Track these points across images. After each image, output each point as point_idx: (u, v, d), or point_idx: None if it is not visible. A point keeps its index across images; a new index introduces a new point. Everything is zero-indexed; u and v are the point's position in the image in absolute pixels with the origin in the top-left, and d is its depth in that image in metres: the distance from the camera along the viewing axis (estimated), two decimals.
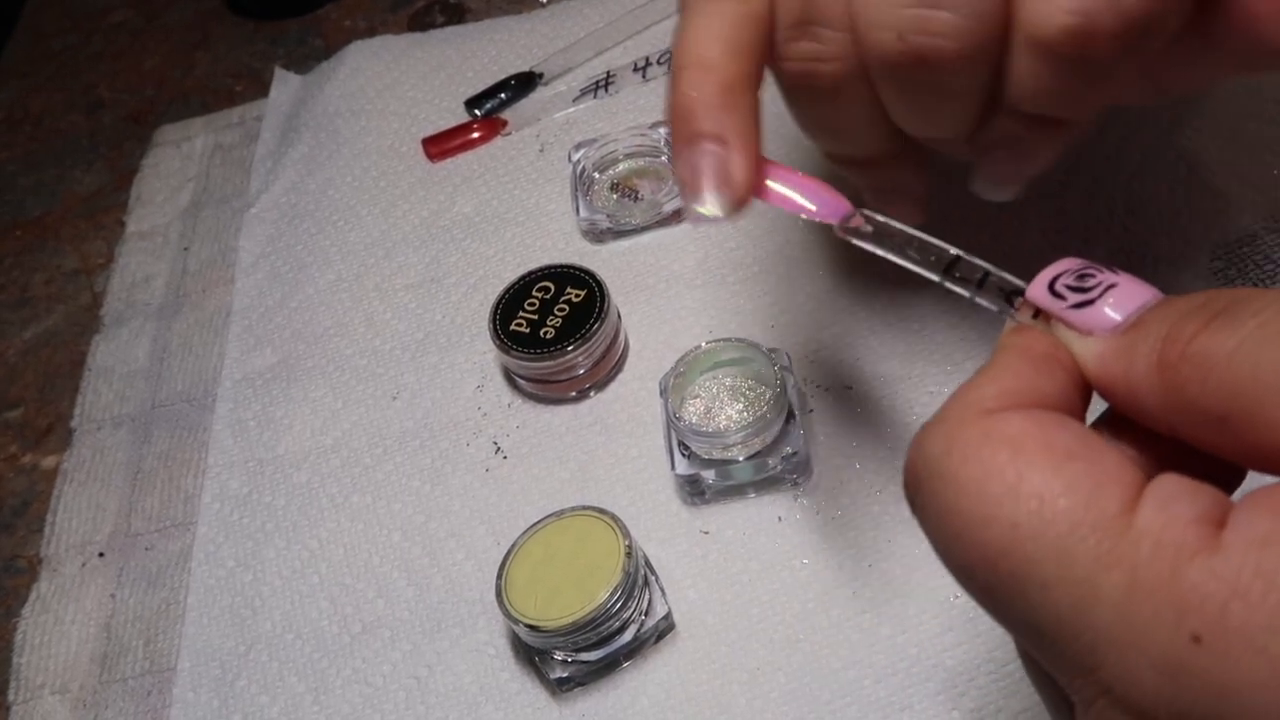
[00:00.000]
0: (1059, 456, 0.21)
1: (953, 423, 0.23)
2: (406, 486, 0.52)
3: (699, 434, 0.46)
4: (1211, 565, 0.19)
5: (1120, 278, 0.24)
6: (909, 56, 0.31)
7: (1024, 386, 0.23)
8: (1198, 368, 0.21)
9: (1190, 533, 0.19)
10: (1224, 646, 0.18)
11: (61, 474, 0.59)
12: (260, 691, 0.48)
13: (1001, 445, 0.22)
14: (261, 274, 0.64)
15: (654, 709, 0.43)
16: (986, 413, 0.22)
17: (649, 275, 0.57)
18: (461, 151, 0.66)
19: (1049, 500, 0.21)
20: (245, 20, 0.84)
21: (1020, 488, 0.21)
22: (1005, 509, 0.21)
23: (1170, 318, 0.22)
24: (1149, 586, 0.19)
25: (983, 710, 0.41)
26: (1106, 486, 0.20)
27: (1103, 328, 0.24)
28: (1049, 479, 0.21)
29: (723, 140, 0.32)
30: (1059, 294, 0.25)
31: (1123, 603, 0.19)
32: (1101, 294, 0.24)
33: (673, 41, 0.34)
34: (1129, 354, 0.23)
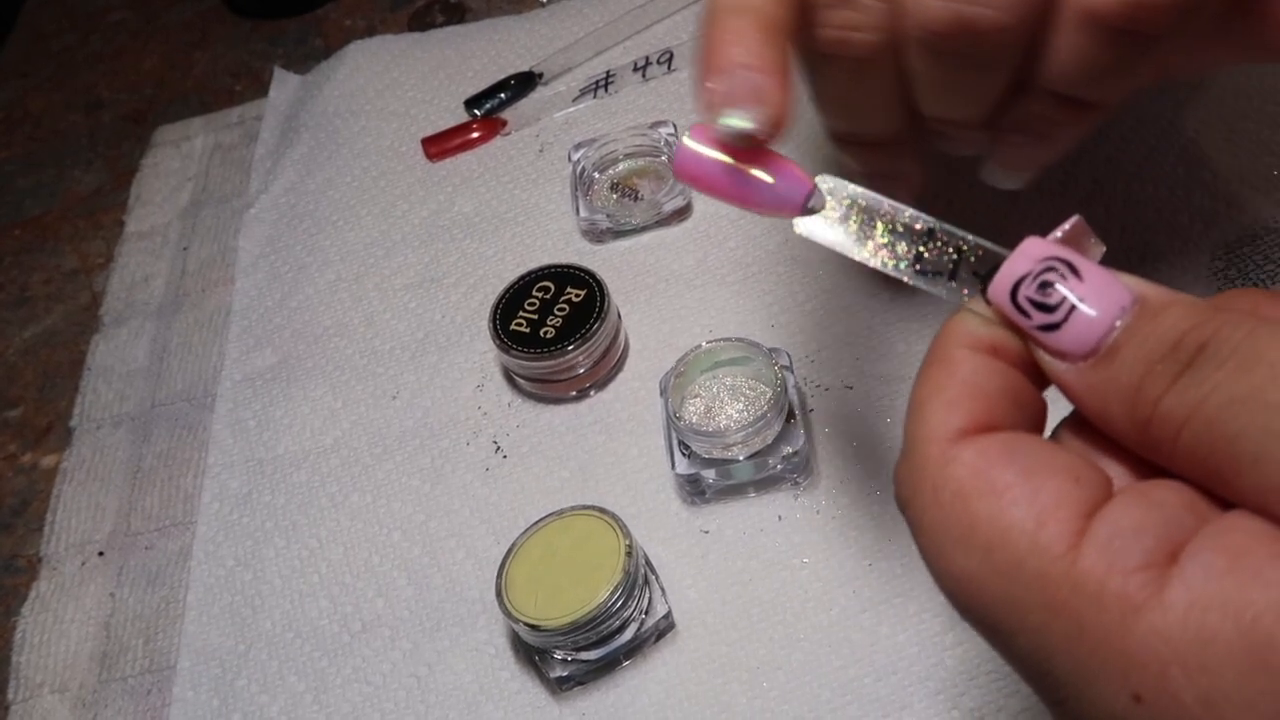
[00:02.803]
0: (1001, 498, 0.21)
1: (914, 464, 0.23)
2: (406, 486, 0.52)
3: (699, 433, 0.46)
4: (1154, 623, 0.19)
5: (1085, 285, 0.23)
6: (956, 26, 0.31)
7: (975, 406, 0.23)
8: (1166, 428, 0.21)
9: (1134, 583, 0.19)
10: (1163, 710, 0.19)
11: (61, 473, 0.58)
12: (260, 690, 0.48)
13: (951, 491, 0.22)
14: (261, 274, 0.64)
15: (654, 708, 0.43)
16: (944, 446, 0.23)
17: (649, 275, 0.57)
18: (461, 151, 0.66)
19: (993, 549, 0.21)
20: (244, 20, 0.84)
21: (970, 537, 0.21)
22: (960, 559, 0.22)
23: (1141, 361, 0.22)
24: (1095, 638, 0.19)
25: (983, 709, 0.41)
26: (1047, 524, 0.21)
27: (1074, 354, 0.23)
28: (993, 525, 0.21)
29: (759, 69, 0.30)
30: (1022, 308, 0.24)
31: (1072, 650, 0.20)
32: (1067, 316, 0.23)
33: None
34: (1103, 394, 0.23)
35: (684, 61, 0.67)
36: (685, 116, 0.63)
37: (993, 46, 0.31)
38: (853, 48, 0.33)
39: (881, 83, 0.34)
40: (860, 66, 0.34)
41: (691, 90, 0.65)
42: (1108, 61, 0.31)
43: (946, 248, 0.28)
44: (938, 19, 0.31)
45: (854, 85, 0.35)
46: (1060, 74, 0.32)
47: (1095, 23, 0.30)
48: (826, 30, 0.33)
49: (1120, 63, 0.31)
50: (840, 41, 0.33)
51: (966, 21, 0.30)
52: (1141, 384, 0.22)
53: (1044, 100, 0.33)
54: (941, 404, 0.23)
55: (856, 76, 0.34)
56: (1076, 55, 0.31)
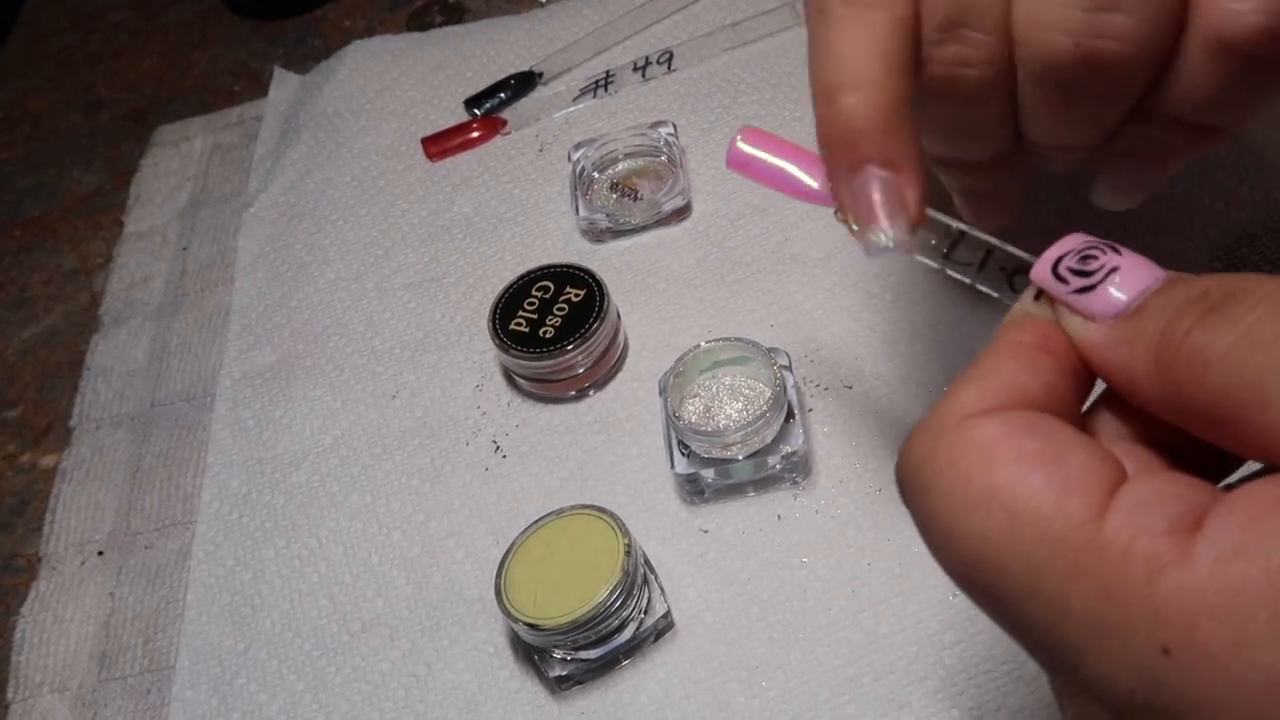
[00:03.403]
0: (1027, 464, 0.21)
1: (934, 430, 0.23)
2: (406, 485, 0.52)
3: (698, 433, 0.47)
4: (1180, 580, 0.19)
5: (1124, 258, 0.24)
6: (1080, 60, 0.29)
7: (1005, 384, 0.23)
8: (1192, 365, 0.21)
9: (1161, 544, 0.20)
10: (1192, 661, 0.19)
11: (60, 473, 0.59)
12: (259, 690, 0.48)
13: (973, 455, 0.22)
14: (261, 273, 0.64)
15: (653, 707, 0.43)
16: (965, 418, 0.22)
17: (649, 275, 0.57)
18: (461, 151, 0.66)
19: (1016, 512, 0.21)
20: (244, 20, 0.84)
21: (990, 499, 0.21)
22: (976, 521, 0.21)
23: (1169, 307, 0.22)
24: (1121, 597, 0.20)
25: (982, 708, 0.41)
26: (1073, 493, 0.21)
27: (1105, 313, 0.23)
28: (1016, 489, 0.21)
29: (893, 165, 0.29)
30: (1062, 277, 0.24)
31: (1094, 611, 0.20)
32: (1104, 278, 0.24)
33: (811, 56, 0.31)
34: (1129, 344, 0.23)
35: (684, 61, 0.67)
36: (685, 116, 0.63)
37: (1118, 80, 0.30)
38: (963, 83, 0.32)
39: (993, 112, 0.33)
40: (969, 100, 0.32)
41: (691, 91, 0.65)
42: (1239, 88, 0.30)
43: (976, 249, 0.28)
44: (1060, 53, 0.30)
45: (962, 116, 0.34)
46: (1188, 101, 0.31)
47: (1229, 50, 0.29)
48: (936, 67, 0.31)
49: (1252, 89, 0.30)
50: (949, 78, 0.32)
51: (1091, 55, 0.29)
52: (1168, 326, 0.22)
53: (1168, 126, 0.32)
54: (972, 385, 0.23)
55: (965, 108, 0.33)
56: (1207, 82, 0.30)
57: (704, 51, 0.67)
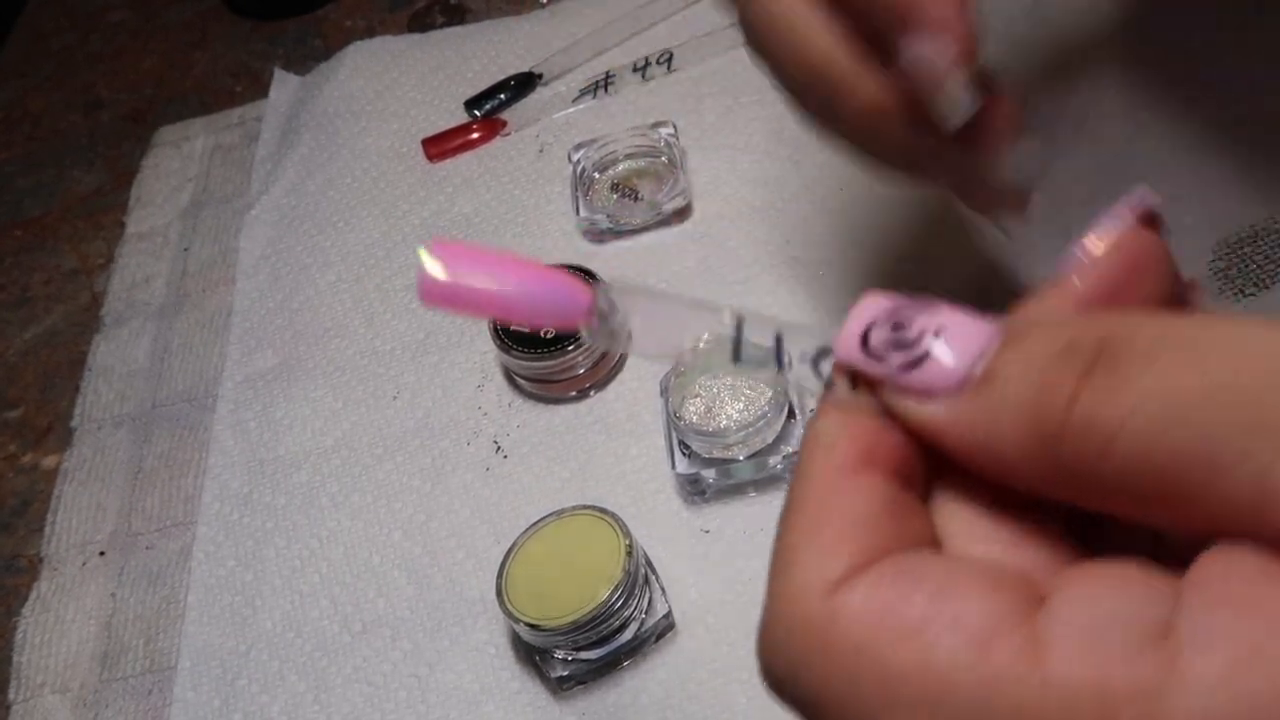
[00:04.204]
0: (925, 636, 0.17)
1: (795, 626, 0.19)
2: (407, 486, 0.52)
3: (700, 433, 0.47)
4: (1185, 708, 0.15)
5: (943, 315, 0.20)
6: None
7: (849, 532, 0.19)
8: (1090, 438, 0.17)
9: (1140, 670, 0.16)
10: None
11: (62, 473, 0.59)
12: (261, 690, 0.48)
13: (855, 654, 0.18)
14: (262, 275, 0.64)
15: (654, 708, 0.43)
16: (825, 598, 0.19)
17: (649, 275, 0.57)
18: (461, 152, 0.66)
19: (942, 702, 0.17)
20: (244, 20, 0.84)
21: (903, 700, 0.17)
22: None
23: (1032, 370, 0.18)
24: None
25: None
26: (997, 647, 0.17)
27: (943, 388, 0.19)
28: (929, 673, 0.17)
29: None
30: (875, 354, 0.20)
31: None
32: (929, 346, 0.20)
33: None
34: (989, 421, 0.19)
35: (684, 62, 0.67)
36: (685, 117, 0.63)
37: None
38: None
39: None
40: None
41: (691, 91, 0.65)
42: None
43: (762, 333, 0.24)
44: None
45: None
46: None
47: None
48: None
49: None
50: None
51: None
52: (1039, 395, 0.18)
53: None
54: (813, 552, 0.19)
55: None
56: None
57: (704, 52, 0.67)
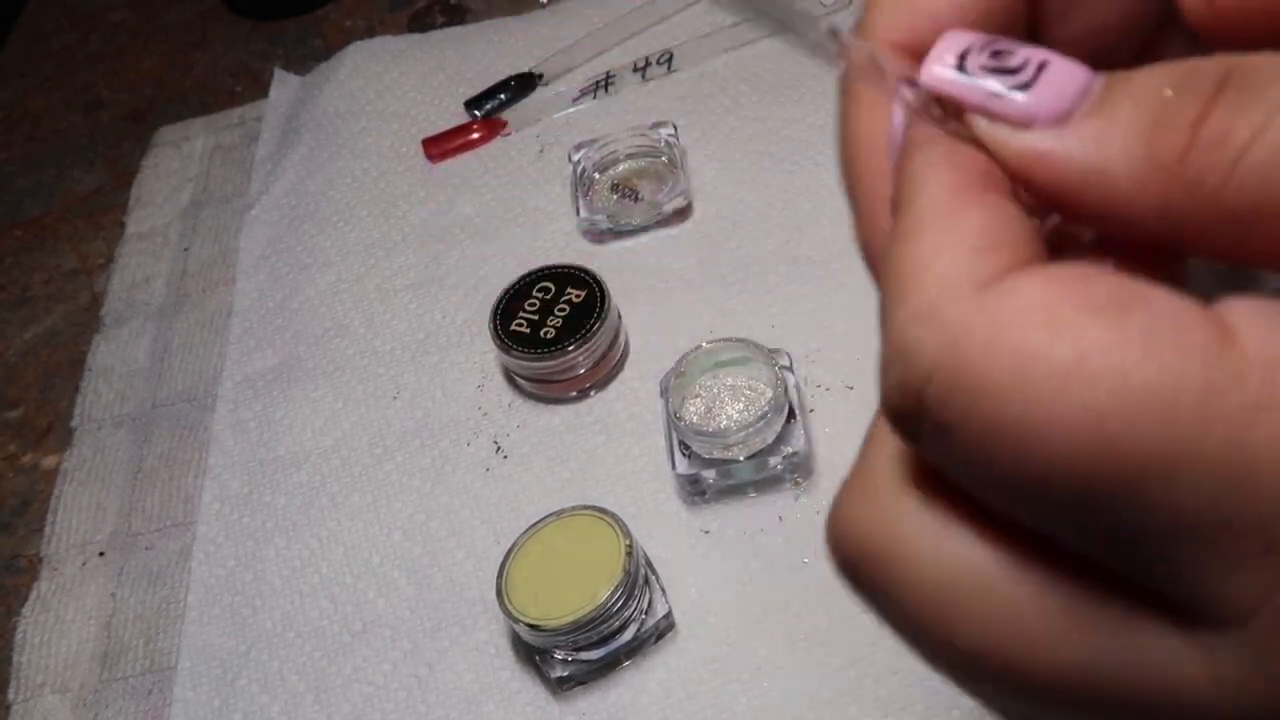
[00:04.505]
0: (1116, 313, 0.15)
1: (934, 329, 0.16)
2: (407, 486, 0.52)
3: (700, 434, 0.47)
4: None
5: (1047, 51, 0.18)
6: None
7: (990, 238, 0.17)
8: (1218, 155, 0.16)
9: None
10: None
11: (62, 474, 0.59)
12: (261, 690, 0.48)
13: (1035, 331, 0.15)
14: (262, 275, 0.64)
15: (654, 708, 0.43)
16: (977, 289, 0.16)
17: (649, 275, 0.57)
18: (461, 152, 0.66)
19: (1138, 372, 0.15)
20: (244, 20, 0.84)
21: (1094, 374, 0.15)
22: (1085, 402, 0.15)
23: (1150, 95, 0.17)
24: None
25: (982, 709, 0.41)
26: (1191, 320, 0.15)
27: (1050, 114, 0.17)
28: (1123, 346, 0.15)
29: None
30: (972, 74, 0.18)
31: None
32: (1036, 72, 0.18)
33: None
34: (1099, 144, 0.17)
35: (684, 62, 0.67)
36: (685, 117, 0.63)
37: None
38: None
39: None
40: None
41: (691, 91, 0.65)
42: None
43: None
44: None
45: None
46: None
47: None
48: None
49: None
50: None
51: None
52: (1159, 115, 0.16)
53: None
54: (956, 251, 0.17)
55: None
56: None
57: (704, 52, 0.67)
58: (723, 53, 0.67)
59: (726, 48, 0.67)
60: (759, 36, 0.67)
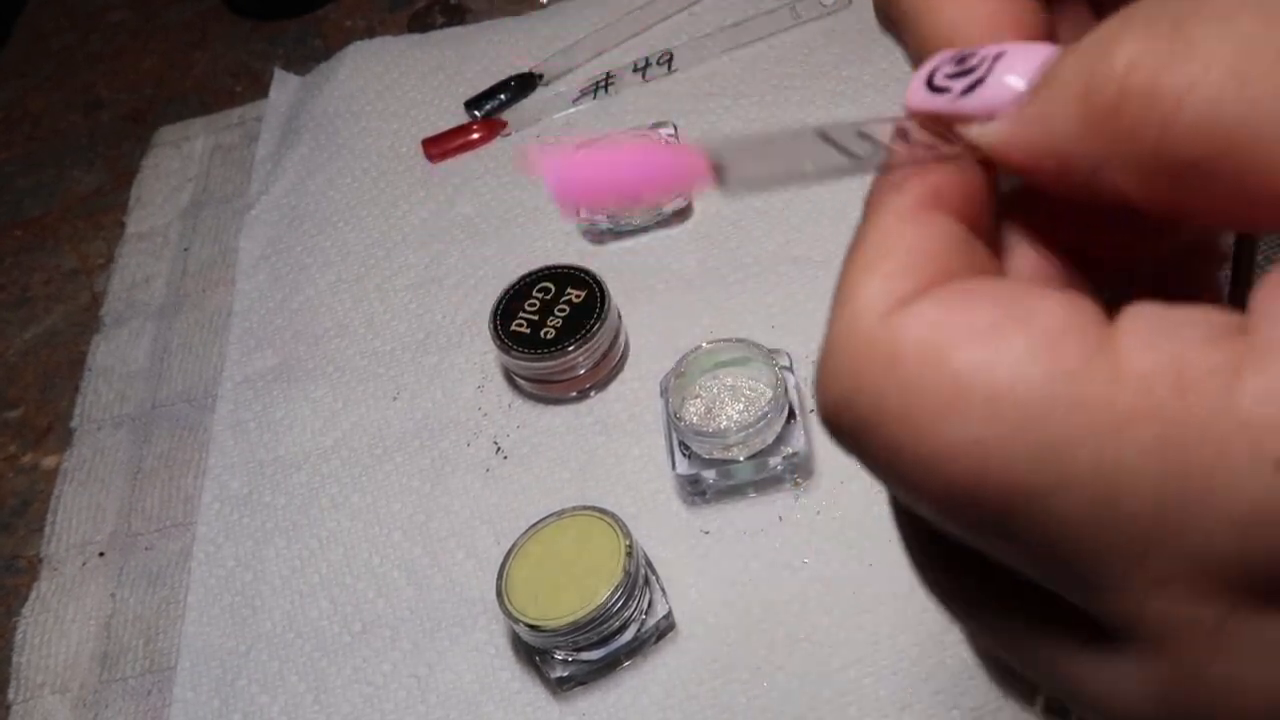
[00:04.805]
0: (993, 337, 0.16)
1: (850, 346, 0.17)
2: (407, 486, 0.52)
3: (700, 434, 0.47)
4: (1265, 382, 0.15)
5: (1006, 45, 0.19)
6: None
7: (913, 261, 0.18)
8: (1148, 103, 0.16)
9: (1215, 355, 0.15)
10: None
11: (61, 474, 0.59)
12: (260, 691, 0.48)
13: (916, 355, 0.16)
14: (262, 275, 0.64)
15: (654, 708, 0.43)
16: (884, 317, 0.17)
17: (649, 275, 0.57)
18: (461, 152, 0.66)
19: (1000, 397, 0.15)
20: (244, 20, 0.84)
21: (962, 400, 0.16)
22: (953, 432, 0.16)
23: (1086, 57, 0.17)
24: (1195, 431, 0.15)
25: (983, 709, 0.41)
26: (1064, 344, 0.16)
27: (1004, 100, 0.18)
28: (992, 372, 0.16)
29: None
30: (940, 88, 0.19)
31: (1163, 463, 0.15)
32: (991, 65, 0.19)
33: None
34: (1044, 117, 0.17)
35: (684, 62, 0.67)
36: (685, 117, 0.63)
37: None
38: None
39: None
40: None
41: (691, 91, 0.65)
42: None
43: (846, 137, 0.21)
44: None
45: None
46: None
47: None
48: None
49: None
50: None
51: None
52: (1094, 70, 0.16)
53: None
54: (873, 275, 0.18)
55: None
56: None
57: (704, 52, 0.67)
58: (723, 53, 0.67)
59: (726, 48, 0.67)
60: (759, 37, 0.67)
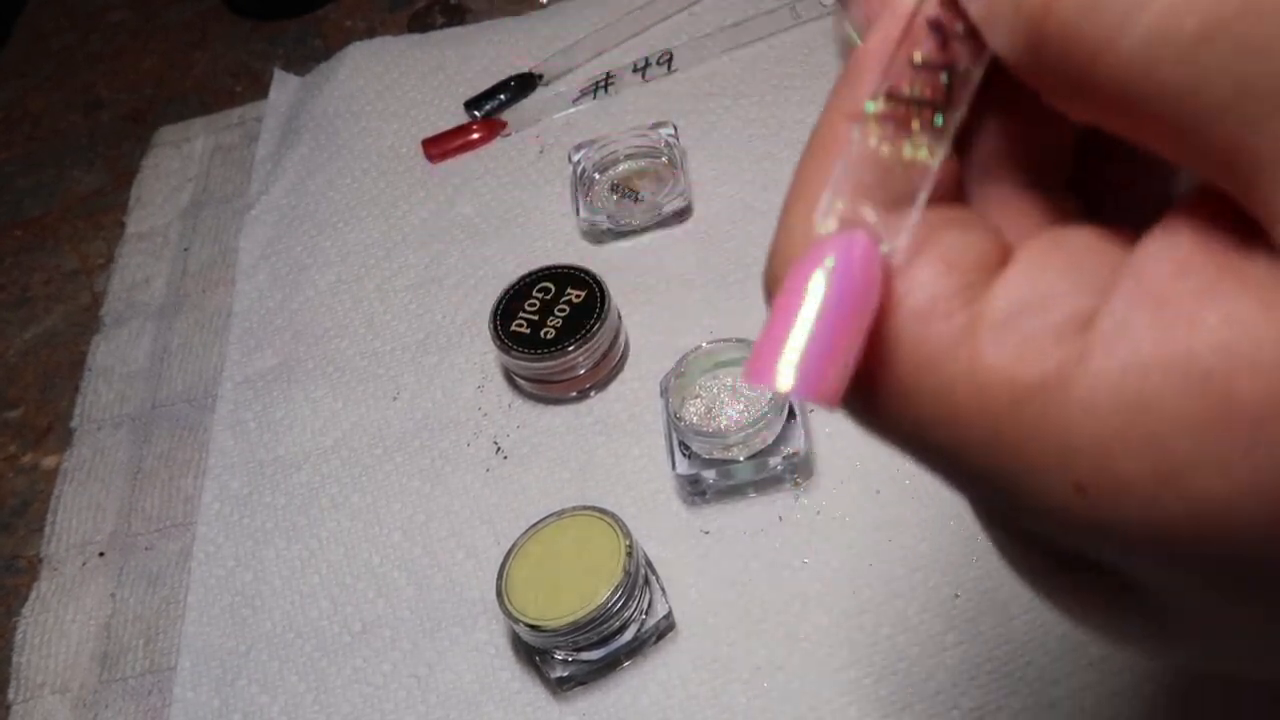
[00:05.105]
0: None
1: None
2: (407, 486, 0.52)
3: (700, 434, 0.47)
4: (1083, 404, 0.15)
5: None
6: None
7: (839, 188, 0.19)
8: (1071, 54, 0.16)
9: (1050, 364, 0.16)
10: (1112, 499, 0.15)
11: (61, 474, 0.59)
12: (260, 691, 0.48)
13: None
14: (262, 276, 0.64)
15: (654, 708, 0.43)
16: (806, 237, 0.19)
17: (649, 275, 0.57)
18: (461, 153, 0.66)
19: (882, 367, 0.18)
20: (244, 20, 0.84)
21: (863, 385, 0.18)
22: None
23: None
24: (1018, 438, 0.16)
25: (983, 709, 0.41)
26: (932, 323, 0.17)
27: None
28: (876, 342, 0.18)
29: None
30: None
31: (996, 458, 0.16)
32: None
33: None
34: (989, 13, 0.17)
35: (684, 62, 0.67)
36: (685, 117, 0.63)
37: None
38: None
39: None
40: None
41: (691, 91, 0.65)
42: None
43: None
44: None
45: None
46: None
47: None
48: None
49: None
50: None
51: None
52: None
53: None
54: (803, 202, 0.19)
55: None
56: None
57: (704, 52, 0.67)
58: (723, 53, 0.67)
59: (726, 48, 0.67)
60: (759, 37, 0.67)
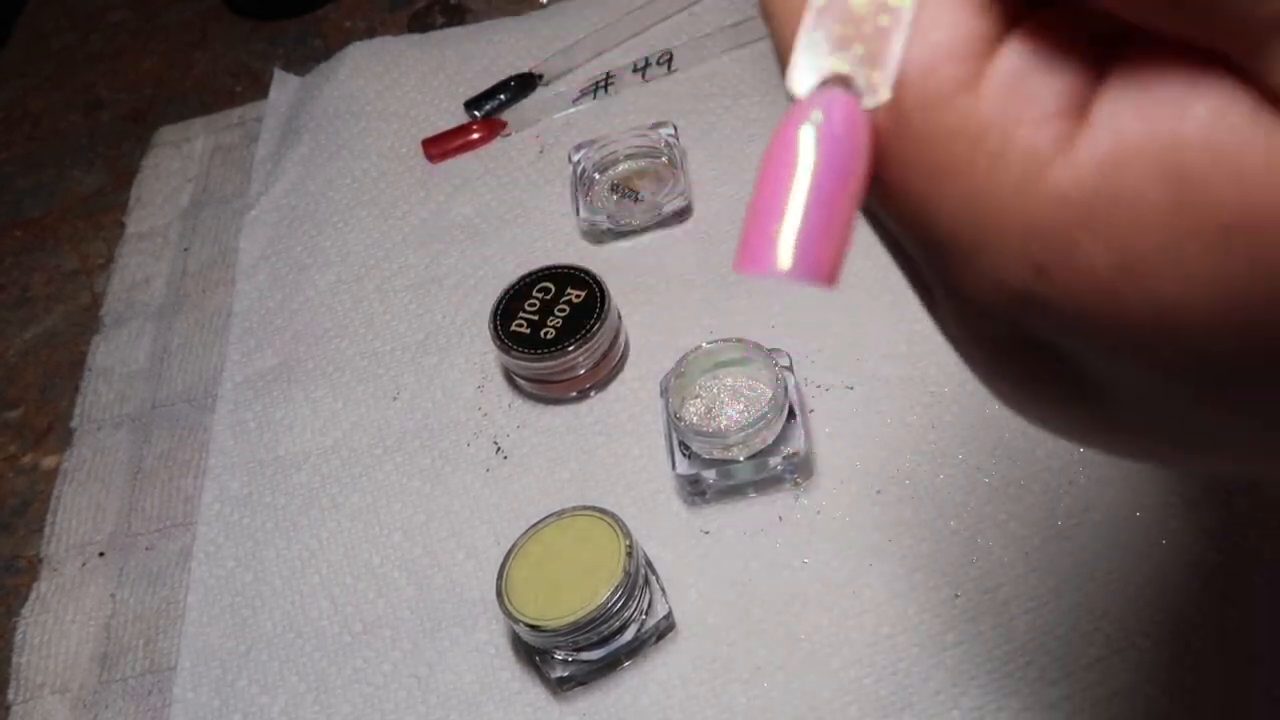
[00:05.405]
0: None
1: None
2: (407, 487, 0.52)
3: (700, 434, 0.47)
4: (1059, 184, 0.15)
5: None
6: None
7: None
8: None
9: (1044, 134, 0.15)
10: (1071, 285, 0.15)
11: (61, 474, 0.59)
12: (260, 691, 0.48)
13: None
14: (262, 276, 0.64)
15: (655, 708, 0.43)
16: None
17: (649, 275, 0.57)
18: (461, 153, 0.66)
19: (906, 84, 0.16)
20: (244, 20, 0.84)
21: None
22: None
23: None
24: (992, 204, 0.16)
25: (983, 709, 0.41)
26: (940, 68, 0.16)
27: None
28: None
29: None
30: None
31: (965, 219, 0.16)
32: None
33: None
34: None
35: (684, 62, 0.67)
36: (685, 117, 0.63)
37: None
38: None
39: None
40: None
41: (691, 91, 0.65)
42: None
43: None
44: None
45: None
46: None
47: None
48: None
49: None
50: None
51: None
52: None
53: None
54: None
55: None
56: None
57: (704, 52, 0.67)
58: (723, 53, 0.67)
59: (726, 48, 0.67)
60: (759, 37, 0.67)
